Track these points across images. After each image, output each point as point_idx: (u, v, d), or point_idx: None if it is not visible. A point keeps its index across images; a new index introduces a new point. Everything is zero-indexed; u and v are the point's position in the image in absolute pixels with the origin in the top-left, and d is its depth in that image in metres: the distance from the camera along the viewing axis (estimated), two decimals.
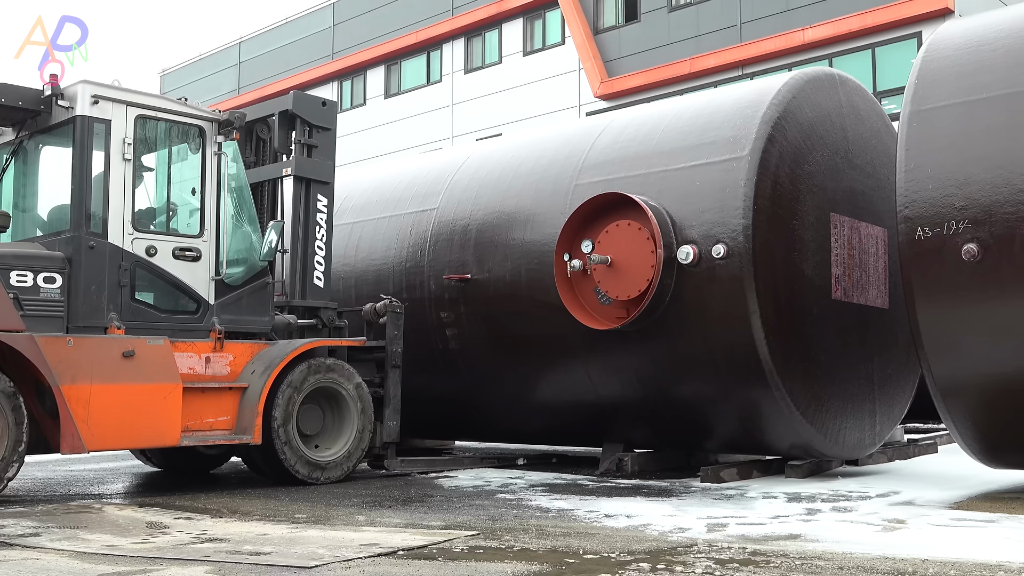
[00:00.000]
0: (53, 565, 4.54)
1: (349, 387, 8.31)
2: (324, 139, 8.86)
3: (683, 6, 25.65)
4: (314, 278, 8.77)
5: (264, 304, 8.24)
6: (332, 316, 8.84)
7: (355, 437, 8.31)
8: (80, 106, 7.38)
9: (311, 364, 8.07)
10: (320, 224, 8.81)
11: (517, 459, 9.87)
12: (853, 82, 8.85)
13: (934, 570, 4.30)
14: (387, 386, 8.71)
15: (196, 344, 7.73)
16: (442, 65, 31.22)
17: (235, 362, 7.95)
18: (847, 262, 8.36)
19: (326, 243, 8.86)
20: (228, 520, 6.07)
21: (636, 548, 4.94)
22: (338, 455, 8.20)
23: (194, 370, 7.66)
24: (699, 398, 8.13)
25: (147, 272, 7.58)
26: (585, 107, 26.90)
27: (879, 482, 7.93)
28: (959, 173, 6.71)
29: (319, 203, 8.81)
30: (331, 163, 8.92)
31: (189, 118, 7.94)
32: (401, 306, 8.90)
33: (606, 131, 9.09)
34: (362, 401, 8.37)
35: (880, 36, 22.09)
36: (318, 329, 8.74)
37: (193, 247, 7.80)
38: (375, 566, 4.46)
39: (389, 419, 8.69)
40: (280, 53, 36.85)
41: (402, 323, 8.84)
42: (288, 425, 7.87)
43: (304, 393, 8.01)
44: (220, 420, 7.75)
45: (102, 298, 7.28)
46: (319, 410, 8.28)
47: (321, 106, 8.88)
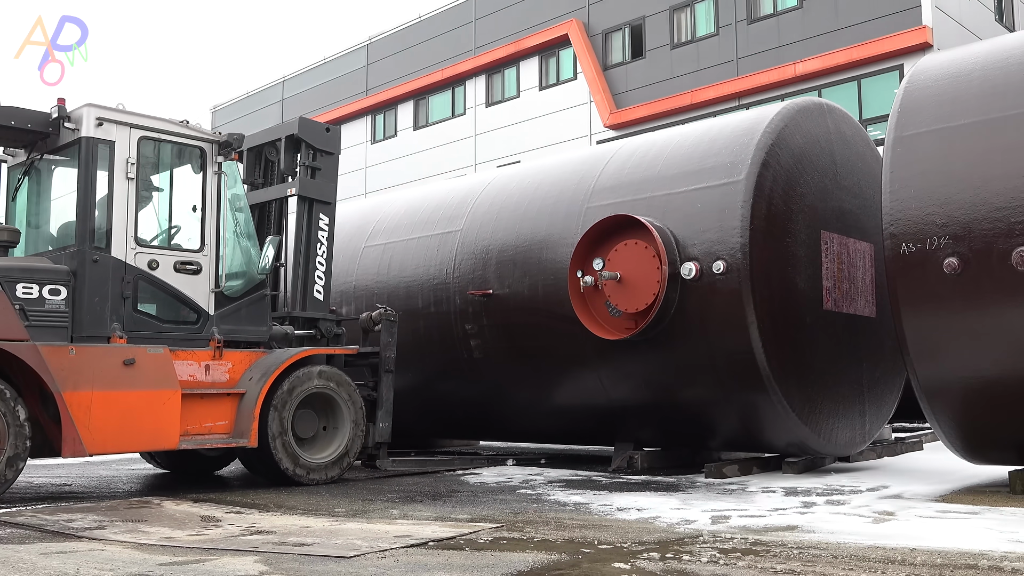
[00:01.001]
0: (116, 555, 4.55)
1: (342, 393, 8.13)
2: (327, 162, 8.75)
3: (684, 44, 25.65)
4: (314, 291, 8.64)
5: (262, 315, 8.11)
6: (330, 326, 8.73)
7: (348, 440, 8.11)
8: (85, 128, 7.31)
9: (306, 371, 7.92)
10: (321, 241, 8.70)
11: (506, 460, 9.66)
12: (840, 111, 8.82)
13: (922, 558, 4.25)
14: (380, 390, 8.56)
15: (196, 353, 7.60)
16: (466, 99, 31.33)
17: (234, 370, 7.82)
18: (837, 275, 8.31)
19: (326, 259, 8.74)
20: (274, 514, 6.08)
21: (647, 539, 4.91)
22: (331, 457, 8.01)
23: (194, 377, 7.54)
24: (702, 401, 8.09)
25: (149, 285, 7.47)
26: (595, 136, 26.92)
27: (869, 477, 7.86)
28: (940, 193, 6.68)
29: (321, 222, 8.70)
30: (333, 185, 8.82)
31: (190, 139, 7.84)
32: (395, 315, 8.78)
33: (614, 158, 9.09)
34: (354, 406, 8.19)
35: (865, 69, 22.03)
36: (317, 339, 8.64)
37: (194, 261, 7.70)
38: (408, 556, 4.45)
39: (381, 421, 8.51)
40: (320, 90, 37.10)
41: (395, 331, 8.72)
42: (283, 429, 7.70)
43: (299, 399, 7.85)
44: (219, 424, 7.62)
45: (105, 309, 7.18)
46: (314, 414, 8.11)
47: (325, 131, 8.78)
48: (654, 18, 26.31)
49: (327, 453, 8.04)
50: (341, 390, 8.14)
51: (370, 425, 8.46)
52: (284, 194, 8.71)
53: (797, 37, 23.30)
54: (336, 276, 11.02)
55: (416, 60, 32.95)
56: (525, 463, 9.65)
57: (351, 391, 8.20)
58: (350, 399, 8.17)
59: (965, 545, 4.60)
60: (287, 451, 7.71)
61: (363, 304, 10.55)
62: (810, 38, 23.02)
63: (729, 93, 23.93)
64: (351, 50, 36.03)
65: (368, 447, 8.51)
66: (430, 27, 32.80)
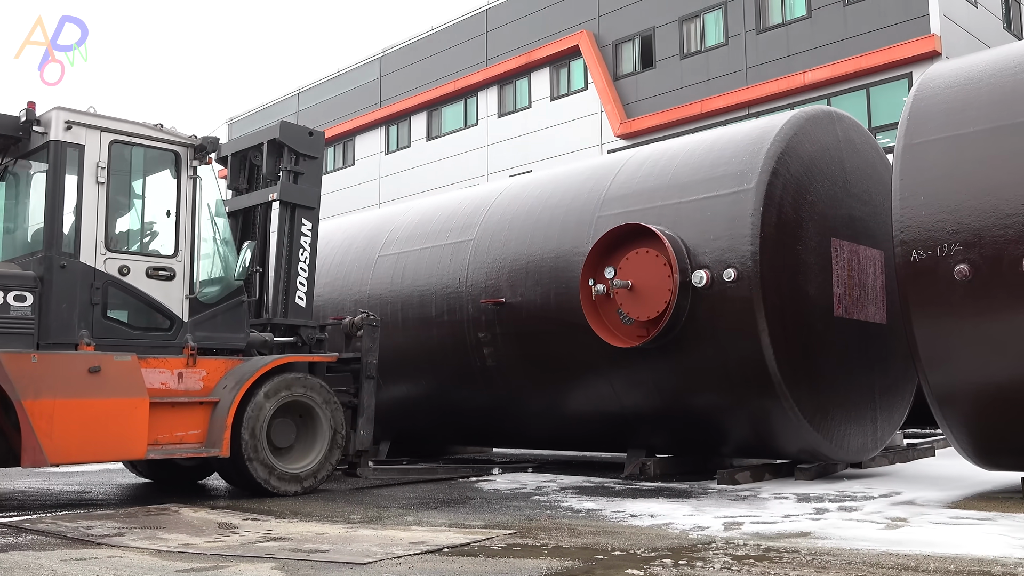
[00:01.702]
0: (135, 562, 4.56)
1: (320, 401, 7.86)
2: (310, 167, 8.52)
3: (694, 54, 25.64)
4: (296, 298, 8.37)
5: (239, 321, 7.85)
6: (312, 333, 8.45)
7: (326, 450, 7.84)
8: (54, 132, 7.09)
9: (281, 379, 7.64)
10: (304, 247, 8.44)
11: (492, 468, 9.42)
12: (849, 119, 8.79)
13: (935, 565, 4.22)
14: (361, 396, 8.30)
15: (168, 360, 7.36)
16: (478, 110, 31.39)
17: (208, 377, 7.57)
18: (847, 282, 8.27)
19: (309, 265, 8.48)
20: (290, 521, 6.08)
21: (659, 545, 4.89)
22: (308, 467, 7.73)
23: (166, 385, 7.31)
24: (714, 408, 8.06)
25: (120, 291, 7.22)
26: (606, 146, 26.92)
27: (881, 483, 7.81)
28: (950, 200, 6.64)
29: (303, 227, 8.43)
30: (316, 190, 8.58)
31: (163, 143, 7.60)
32: (377, 319, 8.54)
33: (625, 167, 9.08)
34: (333, 415, 7.91)
35: (874, 77, 21.96)
36: (298, 346, 8.37)
37: (167, 267, 7.46)
38: (423, 562, 4.45)
39: (362, 428, 8.27)
40: (334, 102, 37.26)
41: (377, 335, 8.49)
42: (257, 438, 7.43)
43: (274, 407, 7.58)
44: (190, 434, 7.33)
45: (73, 316, 6.96)
46: (292, 423, 7.84)
47: (308, 135, 8.54)
48: (663, 28, 26.32)
49: (304, 463, 7.77)
50: (319, 398, 7.87)
51: (351, 433, 8.23)
52: (266, 199, 8.49)
53: (806, 46, 23.26)
54: (350, 285, 11.04)
55: (429, 72, 33.06)
56: (512, 470, 9.50)
57: (330, 399, 7.94)
58: (328, 408, 7.91)
59: (978, 551, 4.56)
60: (261, 461, 7.44)
61: (377, 313, 10.56)
62: (819, 47, 22.97)
63: (739, 102, 23.90)
64: (365, 62, 36.17)
65: (349, 455, 8.26)
66: (442, 39, 32.91)
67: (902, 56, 21.18)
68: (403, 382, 10.46)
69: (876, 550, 4.64)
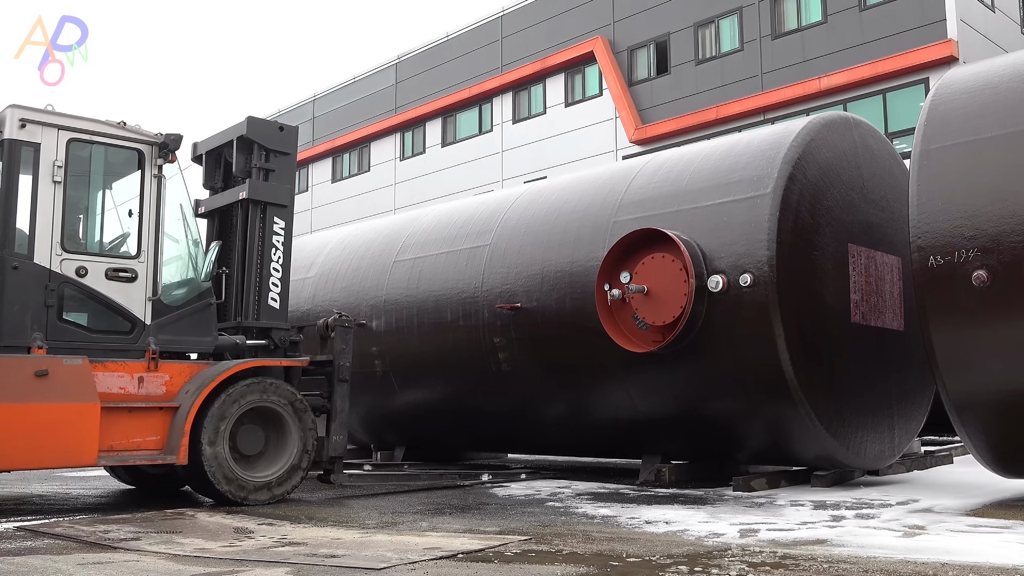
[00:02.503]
0: (151, 566, 4.58)
1: (288, 406, 7.56)
2: (282, 163, 8.30)
3: (709, 59, 25.60)
4: (269, 299, 8.10)
5: (207, 324, 7.60)
6: (285, 336, 8.16)
7: (295, 458, 7.55)
8: (8, 130, 6.91)
9: (246, 384, 7.37)
10: (276, 246, 8.18)
11: (482, 475, 9.17)
12: (866, 124, 8.75)
13: (953, 573, 4.17)
14: (334, 400, 7.96)
15: (128, 364, 7.11)
16: (493, 116, 31.44)
17: (172, 382, 7.31)
18: (864, 288, 8.22)
19: (283, 265, 8.21)
20: (305, 526, 6.09)
21: (675, 552, 4.86)
22: (275, 476, 7.45)
23: (125, 390, 7.08)
24: (730, 414, 8.02)
25: (77, 292, 7.00)
26: (621, 151, 26.90)
27: (899, 491, 7.74)
28: (968, 206, 6.59)
29: (276, 225, 8.18)
30: (289, 187, 8.32)
31: (126, 141, 7.38)
32: (351, 320, 8.20)
33: (641, 173, 9.06)
34: (302, 421, 7.61)
35: (891, 82, 21.87)
36: (271, 349, 8.09)
37: (128, 268, 7.22)
38: (437, 568, 4.44)
39: (335, 433, 7.94)
40: (349, 108, 37.41)
41: (351, 337, 8.14)
42: (217, 445, 7.16)
43: (237, 414, 7.31)
44: (149, 440, 7.09)
45: (26, 318, 6.75)
46: (260, 430, 7.55)
47: (279, 131, 8.30)
48: (679, 34, 26.29)
49: (271, 472, 7.49)
50: (287, 404, 7.57)
51: (324, 438, 7.94)
52: (237, 198, 8.26)
53: (822, 52, 23.18)
54: (366, 290, 11.06)
55: (444, 78, 33.15)
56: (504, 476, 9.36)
57: (299, 405, 7.64)
58: (298, 414, 7.62)
59: (997, 560, 4.51)
60: (222, 469, 7.17)
61: (392, 319, 10.59)
62: (835, 52, 22.89)
63: (754, 108, 23.84)
64: (380, 69, 36.30)
65: (322, 461, 7.98)
66: (457, 46, 33.00)
67: (919, 61, 21.08)
68: (418, 387, 10.47)
69: (893, 558, 4.60)
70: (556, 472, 10.04)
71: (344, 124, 37.32)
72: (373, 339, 10.79)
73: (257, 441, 7.56)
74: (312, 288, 11.96)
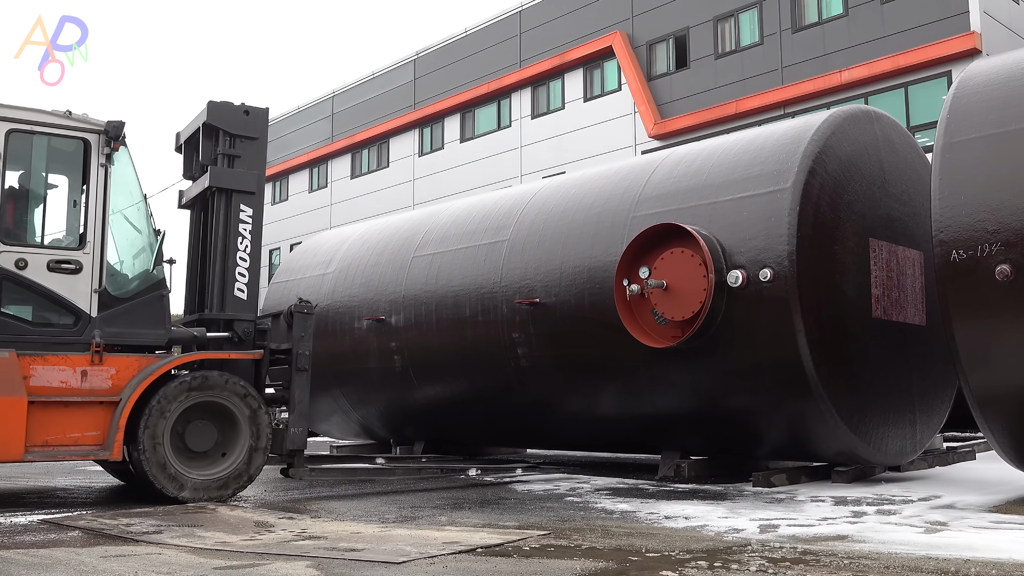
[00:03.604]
0: (173, 559, 4.62)
1: (238, 400, 7.26)
2: (249, 148, 7.98)
3: (729, 53, 25.46)
4: (235, 290, 7.80)
5: (158, 316, 7.34)
6: (248, 328, 7.82)
7: (245, 454, 7.26)
8: None
9: (191, 377, 7.13)
10: (243, 235, 7.87)
11: (469, 469, 8.88)
12: (888, 118, 8.68)
13: (976, 570, 4.14)
14: (292, 390, 7.64)
15: (71, 357, 6.90)
16: (511, 111, 31.42)
17: (119, 376, 7.04)
18: (886, 283, 8.16)
19: (250, 254, 7.89)
20: (325, 520, 6.12)
21: (694, 547, 4.85)
22: (222, 474, 7.18)
23: (67, 384, 6.85)
24: (749, 409, 7.99)
25: (16, 285, 6.81)
26: (640, 146, 26.81)
27: (920, 487, 7.69)
28: (991, 199, 6.53)
29: (242, 213, 7.88)
30: (256, 172, 7.98)
31: (69, 130, 7.19)
32: (310, 307, 7.85)
33: (660, 167, 9.04)
34: (254, 414, 7.32)
35: (912, 75, 21.65)
36: (234, 342, 7.78)
37: (72, 259, 7.02)
38: (457, 562, 4.45)
39: (294, 425, 7.59)
40: (368, 104, 37.48)
41: (310, 324, 7.79)
42: (157, 441, 6.91)
43: (180, 408, 7.07)
44: (87, 435, 6.87)
45: None
46: (212, 426, 7.27)
47: (243, 115, 7.97)
48: (698, 28, 26.16)
49: (220, 469, 7.23)
50: (237, 398, 7.28)
51: (283, 431, 7.66)
52: (204, 187, 8.02)
53: (843, 45, 22.98)
54: (385, 286, 11.09)
55: (462, 74, 33.15)
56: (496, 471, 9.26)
57: (250, 398, 7.34)
58: (248, 407, 7.32)
59: (1020, 556, 4.47)
60: (161, 466, 6.94)
61: (411, 314, 10.61)
62: (856, 45, 22.70)
63: (774, 102, 23.67)
64: (399, 65, 36.35)
65: (283, 455, 7.73)
66: (476, 41, 32.98)
67: (941, 54, 20.87)
68: (437, 382, 10.49)
69: (915, 554, 4.57)
70: (575, 467, 10.04)
71: (363, 120, 37.40)
72: (392, 334, 10.82)
73: (208, 437, 7.28)
74: (331, 284, 12.00)
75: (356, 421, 12.13)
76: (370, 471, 8.50)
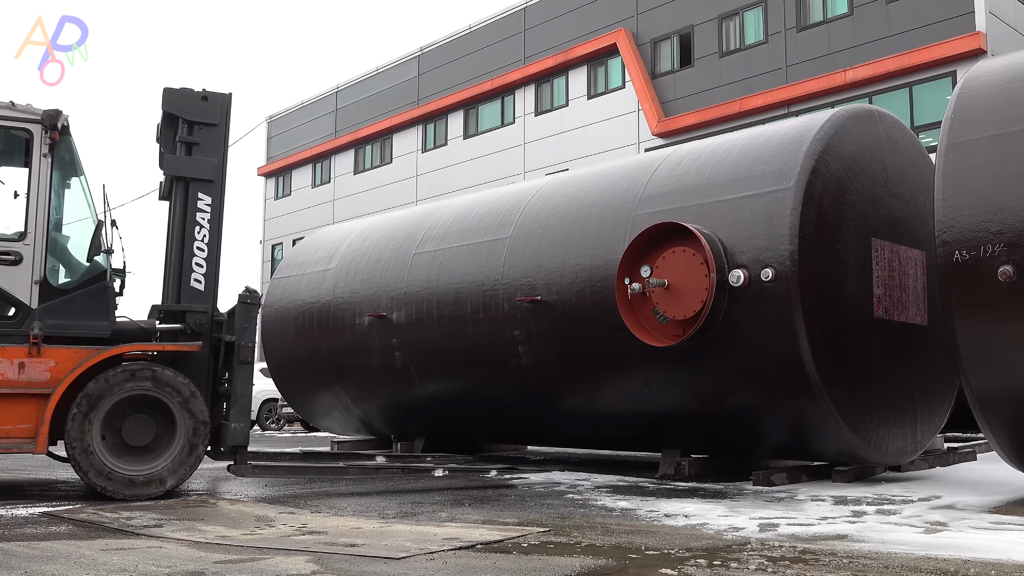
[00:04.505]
0: (174, 553, 4.63)
1: (173, 396, 7.09)
2: (208, 135, 7.79)
3: (733, 52, 25.43)
4: (192, 281, 7.62)
5: (102, 308, 7.22)
6: (200, 319, 7.60)
7: (180, 449, 7.07)
8: None
9: (120, 371, 7.00)
10: (201, 224, 7.67)
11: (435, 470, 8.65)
12: (891, 117, 8.67)
13: (975, 570, 4.15)
14: (234, 384, 7.39)
15: (8, 349, 6.83)
16: (515, 108, 31.41)
17: (58, 368, 6.94)
18: (888, 283, 8.16)
19: (209, 244, 7.69)
20: (325, 515, 6.13)
21: (694, 545, 4.86)
22: (158, 470, 7.01)
23: (3, 376, 6.82)
24: (750, 408, 7.99)
25: None
26: (643, 144, 26.80)
27: (921, 487, 7.69)
28: (994, 200, 6.52)
29: (200, 202, 7.68)
30: (215, 160, 7.76)
31: (9, 121, 7.09)
32: (254, 296, 7.58)
33: (662, 166, 9.03)
34: (191, 409, 7.13)
35: (917, 75, 21.63)
36: (187, 334, 7.60)
37: (11, 251, 6.93)
38: (456, 558, 4.46)
39: (235, 420, 7.35)
40: (372, 100, 37.49)
41: (254, 315, 7.53)
42: (86, 434, 6.80)
43: (111, 402, 6.95)
44: (19, 428, 6.80)
45: None
46: (151, 420, 7.11)
47: (201, 100, 7.77)
48: (703, 26, 26.14)
49: (157, 465, 7.07)
50: (171, 392, 7.10)
51: (226, 426, 7.50)
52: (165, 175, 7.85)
53: (847, 44, 22.96)
54: (387, 282, 11.10)
55: (466, 70, 33.15)
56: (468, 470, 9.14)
57: (186, 392, 7.14)
58: (185, 402, 7.13)
59: (1020, 557, 4.47)
60: (91, 462, 6.83)
61: (413, 311, 10.62)
62: (861, 45, 22.67)
63: (778, 101, 23.66)
64: (403, 61, 36.35)
65: (223, 451, 7.57)
66: (480, 37, 32.98)
67: (946, 54, 20.84)
68: (438, 379, 10.50)
69: (914, 554, 4.58)
70: (575, 465, 10.05)
71: (366, 116, 37.41)
72: (393, 331, 10.84)
73: (147, 431, 7.14)
74: (333, 280, 12.02)
75: (357, 417, 12.15)
76: (319, 470, 8.28)
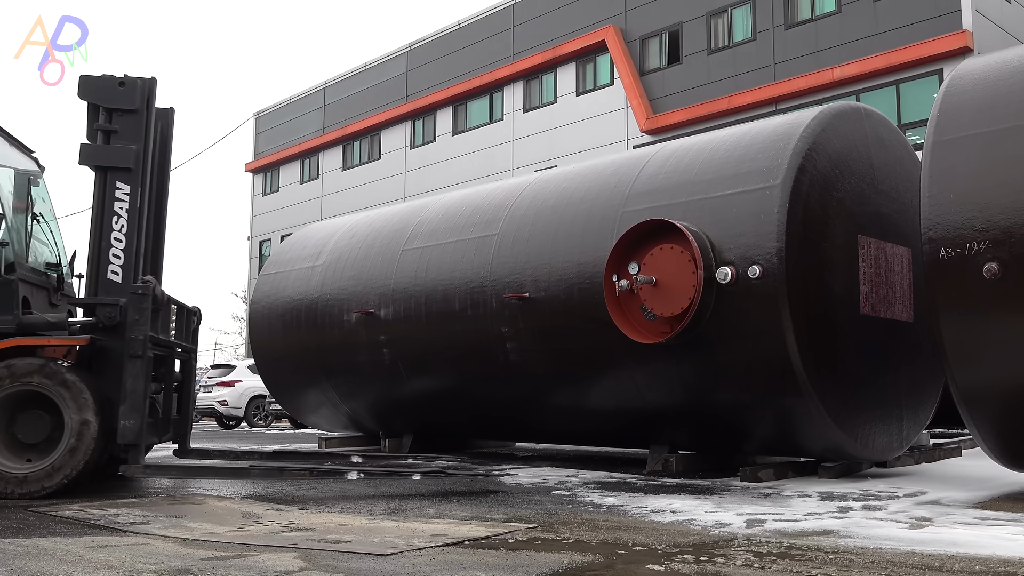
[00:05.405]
0: (160, 550, 4.62)
1: (63, 391, 6.87)
2: (127, 122, 7.57)
3: (721, 49, 25.49)
4: (108, 272, 7.41)
5: (7, 302, 7.12)
6: (111, 313, 7.31)
7: (67, 446, 6.83)
8: None
9: (6, 366, 6.85)
10: (118, 214, 7.45)
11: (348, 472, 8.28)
12: (878, 115, 8.70)
13: (960, 565, 4.18)
14: (124, 380, 7.04)
15: None
16: (504, 105, 31.39)
17: None
18: (874, 280, 8.20)
19: (127, 234, 7.47)
20: (313, 512, 6.12)
21: (681, 541, 4.88)
22: (42, 468, 6.81)
23: None
24: (738, 405, 8.02)
25: None
26: (632, 141, 26.83)
27: (906, 483, 7.74)
28: (980, 198, 6.56)
29: (118, 191, 7.46)
30: (133, 148, 7.55)
31: None
32: (147, 287, 7.24)
33: (651, 162, 9.05)
34: (79, 405, 6.88)
35: (904, 73, 21.74)
36: (100, 328, 7.35)
37: None
38: (444, 554, 4.47)
39: (125, 417, 6.99)
40: (360, 96, 37.39)
41: (145, 307, 7.17)
42: None
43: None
44: None
45: None
46: (46, 417, 6.94)
47: (118, 86, 7.55)
48: (691, 24, 26.18)
49: (46, 462, 6.86)
50: (60, 387, 6.88)
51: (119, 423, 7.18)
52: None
53: (835, 42, 23.05)
54: (375, 279, 11.09)
55: (455, 66, 33.11)
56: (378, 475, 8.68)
57: (75, 388, 6.90)
58: (73, 398, 6.88)
59: (1004, 552, 4.51)
60: None
61: (401, 307, 10.61)
62: (848, 43, 22.76)
63: (766, 98, 23.73)
64: (391, 56, 36.27)
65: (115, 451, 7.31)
66: (469, 34, 32.94)
67: (933, 52, 20.95)
68: (426, 376, 10.50)
69: (900, 549, 4.61)
70: (563, 461, 10.06)
71: (355, 112, 37.32)
72: (381, 327, 10.82)
73: (42, 428, 6.99)
74: (321, 276, 11.99)
75: (345, 414, 12.13)
76: (217, 470, 8.04)
